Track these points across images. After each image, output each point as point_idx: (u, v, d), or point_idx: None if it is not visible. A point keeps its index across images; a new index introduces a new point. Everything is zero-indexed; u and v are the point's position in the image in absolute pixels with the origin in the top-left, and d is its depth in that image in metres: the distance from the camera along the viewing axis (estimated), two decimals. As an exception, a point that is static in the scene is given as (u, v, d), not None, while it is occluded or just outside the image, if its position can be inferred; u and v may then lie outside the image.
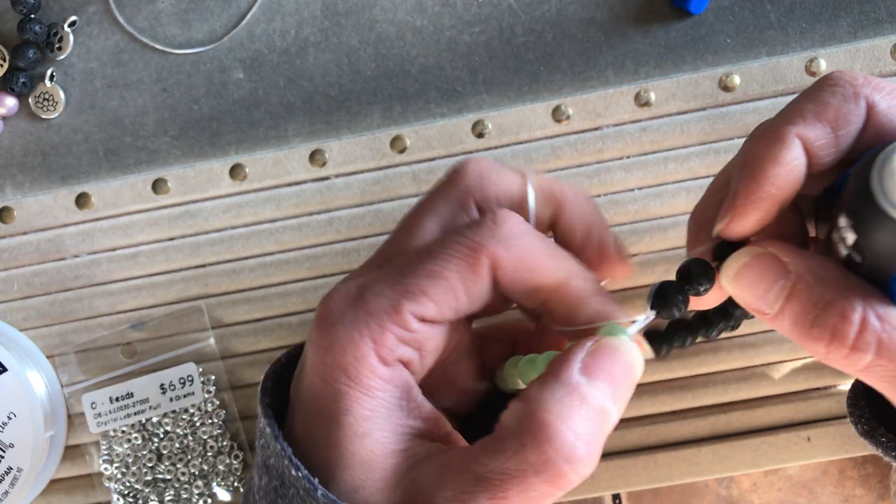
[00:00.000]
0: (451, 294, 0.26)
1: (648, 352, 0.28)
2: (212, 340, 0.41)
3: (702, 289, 0.27)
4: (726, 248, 0.27)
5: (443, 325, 0.27)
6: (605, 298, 0.27)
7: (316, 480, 0.25)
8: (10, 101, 0.41)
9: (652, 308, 0.27)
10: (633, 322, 0.26)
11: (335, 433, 0.26)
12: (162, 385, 0.40)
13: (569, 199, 0.29)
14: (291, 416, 0.28)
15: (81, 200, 0.41)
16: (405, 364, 0.27)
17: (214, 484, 0.40)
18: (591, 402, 0.25)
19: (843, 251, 0.24)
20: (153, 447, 0.41)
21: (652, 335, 0.28)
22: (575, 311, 0.27)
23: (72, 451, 0.41)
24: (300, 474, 0.25)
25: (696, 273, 0.27)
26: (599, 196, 0.40)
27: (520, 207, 0.29)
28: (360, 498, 0.26)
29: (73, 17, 0.41)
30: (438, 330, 0.27)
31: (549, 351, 0.28)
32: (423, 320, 0.26)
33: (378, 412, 0.26)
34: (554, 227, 0.30)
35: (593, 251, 0.30)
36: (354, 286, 0.27)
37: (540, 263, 0.26)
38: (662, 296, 0.27)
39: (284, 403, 0.29)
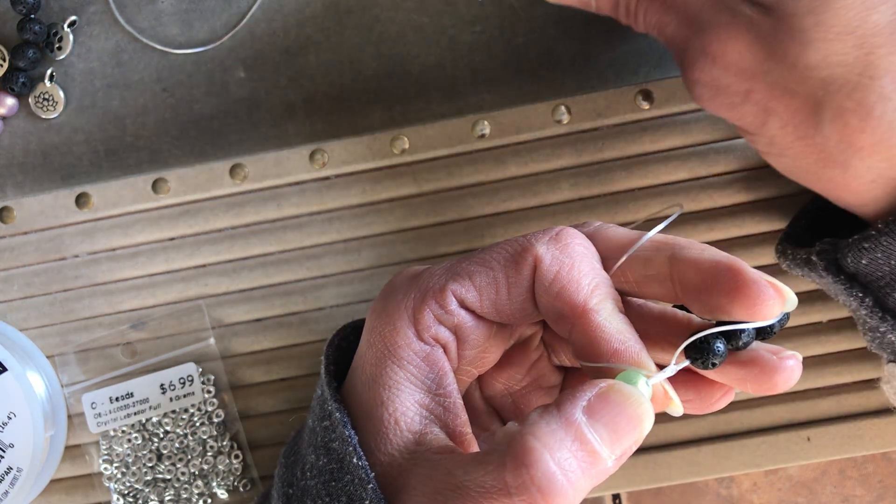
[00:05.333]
0: (493, 285, 0.27)
1: (678, 406, 0.27)
2: (212, 340, 0.41)
3: (741, 343, 0.26)
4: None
5: (483, 321, 0.28)
6: (628, 340, 0.26)
7: (372, 475, 0.26)
8: (10, 101, 0.41)
9: (688, 357, 0.26)
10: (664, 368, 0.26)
11: (366, 395, 0.28)
12: (162, 385, 0.40)
13: (682, 242, 0.28)
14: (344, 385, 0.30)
15: (81, 200, 0.41)
16: (442, 346, 0.28)
17: (214, 484, 0.40)
18: (586, 443, 0.24)
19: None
20: (153, 447, 0.41)
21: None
22: (594, 343, 0.26)
23: (72, 451, 0.41)
24: (360, 463, 0.26)
25: (738, 331, 0.26)
26: (599, 196, 0.40)
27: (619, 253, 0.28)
28: (369, 462, 0.27)
29: (73, 17, 0.41)
30: (478, 324, 0.28)
31: None
32: (463, 305, 0.28)
33: (403, 385, 0.27)
34: (673, 268, 0.28)
35: (725, 274, 0.26)
36: (422, 268, 0.29)
37: (574, 280, 0.26)
38: (699, 347, 0.26)
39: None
